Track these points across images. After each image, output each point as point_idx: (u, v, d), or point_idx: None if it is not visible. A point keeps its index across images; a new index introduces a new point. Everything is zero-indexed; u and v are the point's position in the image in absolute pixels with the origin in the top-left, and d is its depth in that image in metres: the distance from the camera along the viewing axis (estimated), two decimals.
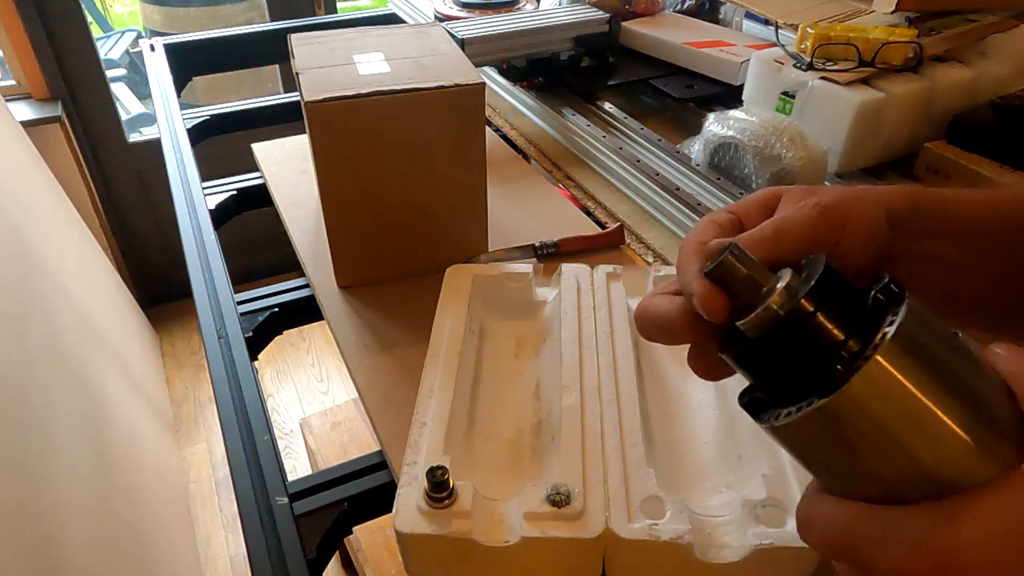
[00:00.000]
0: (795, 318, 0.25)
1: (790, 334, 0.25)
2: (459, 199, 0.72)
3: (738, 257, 0.27)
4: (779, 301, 0.25)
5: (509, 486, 0.46)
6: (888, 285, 0.26)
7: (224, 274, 0.76)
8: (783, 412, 0.25)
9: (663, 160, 0.88)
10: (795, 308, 0.25)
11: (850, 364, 0.24)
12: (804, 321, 0.25)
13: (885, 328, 0.24)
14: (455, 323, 0.56)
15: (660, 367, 0.57)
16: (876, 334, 0.24)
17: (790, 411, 0.25)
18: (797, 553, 0.40)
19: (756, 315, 0.26)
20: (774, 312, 0.25)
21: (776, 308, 0.25)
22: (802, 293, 0.25)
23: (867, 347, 0.24)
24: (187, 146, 0.97)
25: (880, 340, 0.23)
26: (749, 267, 0.27)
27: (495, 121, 1.09)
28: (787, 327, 0.25)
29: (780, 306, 0.25)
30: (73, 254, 1.67)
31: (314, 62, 0.68)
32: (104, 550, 1.10)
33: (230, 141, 1.11)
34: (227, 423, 0.60)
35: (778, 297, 0.26)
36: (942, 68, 0.85)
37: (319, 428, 1.54)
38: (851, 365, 0.23)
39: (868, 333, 0.24)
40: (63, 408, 1.18)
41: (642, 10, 1.18)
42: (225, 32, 1.32)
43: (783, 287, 0.26)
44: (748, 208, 0.33)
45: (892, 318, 0.24)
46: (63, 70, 1.87)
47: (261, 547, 0.51)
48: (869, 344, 0.24)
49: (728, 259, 0.27)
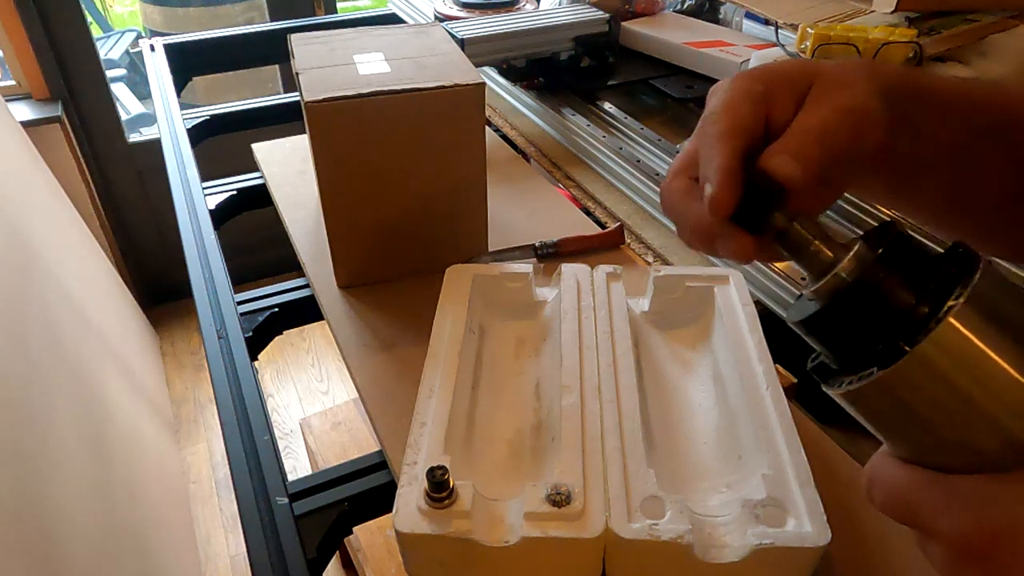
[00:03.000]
0: (866, 285, 0.25)
1: (862, 301, 0.25)
2: (459, 199, 0.72)
3: (805, 226, 0.27)
4: (849, 268, 0.25)
5: (509, 486, 0.46)
6: (961, 250, 0.25)
7: (224, 274, 0.76)
8: (854, 378, 0.25)
9: (663, 160, 0.88)
10: (866, 274, 0.25)
11: (923, 327, 0.24)
12: (876, 288, 0.25)
13: (958, 291, 0.23)
14: (455, 323, 0.56)
15: (660, 367, 0.57)
16: (949, 298, 0.24)
17: (861, 376, 0.25)
18: (797, 553, 0.40)
19: (826, 282, 0.26)
20: (844, 279, 0.25)
21: (846, 275, 0.25)
22: (873, 259, 0.25)
23: (939, 310, 0.23)
24: (187, 146, 0.97)
25: (953, 303, 0.23)
26: (816, 235, 0.27)
27: (495, 121, 1.09)
28: (858, 294, 0.25)
29: (850, 273, 0.25)
30: (73, 254, 1.67)
31: (314, 62, 0.68)
32: (104, 550, 1.10)
33: (230, 141, 1.11)
34: (227, 423, 0.60)
35: (848, 264, 0.25)
36: (942, 68, 0.85)
37: (319, 428, 1.54)
38: (924, 328, 0.23)
39: (940, 297, 0.24)
40: (63, 408, 1.17)
41: (642, 10, 1.18)
42: (225, 32, 1.32)
43: (853, 254, 0.26)
44: (780, 90, 0.31)
45: (966, 280, 0.24)
46: (63, 70, 1.87)
47: (261, 547, 0.51)
48: (941, 307, 0.23)
49: (796, 228, 0.27)
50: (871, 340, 0.25)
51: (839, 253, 0.27)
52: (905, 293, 0.25)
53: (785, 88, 0.31)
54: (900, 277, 0.25)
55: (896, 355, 0.23)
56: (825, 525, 0.40)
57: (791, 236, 0.28)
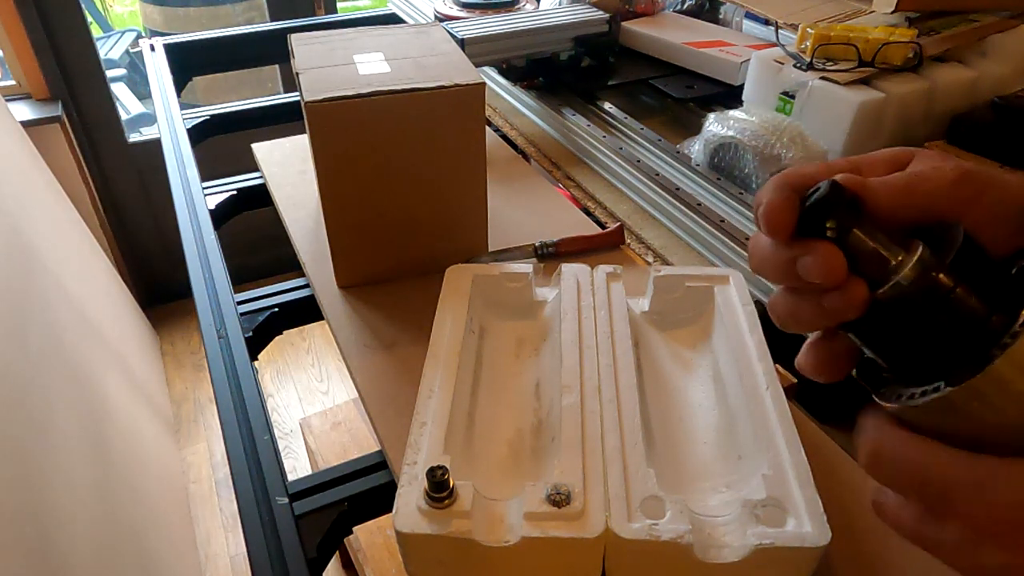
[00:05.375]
0: (932, 292, 0.23)
1: (925, 310, 0.23)
2: (459, 199, 0.72)
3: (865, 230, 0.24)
4: (911, 276, 0.23)
5: (509, 486, 0.46)
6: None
7: (224, 274, 0.76)
8: (916, 391, 0.23)
9: (663, 160, 0.88)
10: (932, 282, 0.23)
11: (996, 341, 0.22)
12: (942, 296, 0.23)
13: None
14: (455, 323, 0.56)
15: (660, 367, 0.57)
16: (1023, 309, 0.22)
17: (925, 390, 0.23)
18: (797, 553, 0.40)
19: (886, 290, 0.24)
20: (906, 287, 0.23)
21: (909, 282, 0.23)
22: (939, 265, 0.23)
23: (1015, 323, 0.22)
24: (187, 146, 0.97)
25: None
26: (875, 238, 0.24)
27: (495, 121, 1.09)
28: (922, 302, 0.23)
29: (912, 281, 0.23)
30: (73, 254, 1.67)
31: (314, 62, 0.68)
32: (104, 550, 1.10)
33: (230, 141, 1.11)
34: (227, 423, 0.60)
35: (911, 271, 0.23)
36: (942, 68, 0.85)
37: (319, 428, 1.54)
38: (998, 342, 0.22)
39: (1013, 309, 0.22)
40: (63, 408, 1.17)
41: (642, 10, 1.18)
42: (225, 32, 1.32)
43: (916, 259, 0.23)
44: (873, 163, 0.29)
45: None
46: (63, 70, 1.87)
47: (261, 547, 0.51)
48: (1016, 320, 0.22)
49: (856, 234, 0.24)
50: (937, 352, 0.23)
51: (901, 257, 0.24)
52: (976, 302, 0.23)
53: (880, 161, 0.29)
54: (969, 285, 0.23)
55: (969, 370, 0.21)
56: (825, 525, 0.40)
57: (849, 240, 0.25)
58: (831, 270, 0.25)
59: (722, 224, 0.76)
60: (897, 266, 0.24)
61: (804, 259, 0.25)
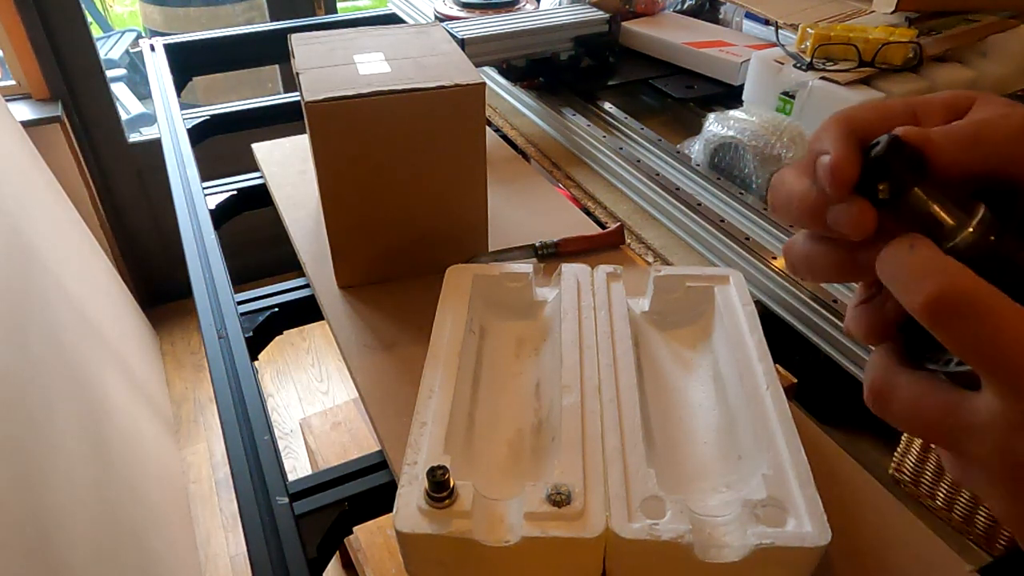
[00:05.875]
0: (992, 258, 0.21)
1: (984, 276, 0.21)
2: (459, 199, 0.72)
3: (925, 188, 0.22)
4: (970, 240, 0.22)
5: (509, 486, 0.46)
6: None
7: (224, 274, 0.76)
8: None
9: (663, 160, 0.88)
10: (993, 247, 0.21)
11: None
12: (1003, 262, 0.21)
13: None
14: (455, 323, 0.56)
15: (660, 367, 0.57)
16: None
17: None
18: (797, 553, 0.40)
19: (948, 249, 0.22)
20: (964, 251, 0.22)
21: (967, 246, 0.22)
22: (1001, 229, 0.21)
23: None
24: (187, 146, 0.97)
25: None
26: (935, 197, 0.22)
27: (495, 121, 1.09)
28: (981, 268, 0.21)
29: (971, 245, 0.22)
30: (73, 254, 1.67)
31: (314, 62, 0.68)
32: (104, 550, 1.10)
33: (230, 141, 1.11)
34: (227, 423, 0.60)
35: (970, 235, 0.22)
36: (942, 68, 0.85)
37: (319, 428, 1.54)
38: None
39: None
40: (63, 408, 1.17)
41: (642, 10, 1.18)
42: (225, 32, 1.32)
43: (976, 222, 0.22)
44: (931, 107, 0.26)
45: None
46: (63, 70, 1.87)
47: (261, 547, 0.51)
48: None
49: (916, 193, 0.23)
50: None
51: (961, 219, 0.22)
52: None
53: (938, 105, 0.27)
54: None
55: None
56: (825, 525, 0.40)
57: (909, 201, 0.23)
58: (862, 224, 0.24)
59: (722, 224, 0.76)
60: (954, 229, 0.22)
61: (843, 210, 0.24)
